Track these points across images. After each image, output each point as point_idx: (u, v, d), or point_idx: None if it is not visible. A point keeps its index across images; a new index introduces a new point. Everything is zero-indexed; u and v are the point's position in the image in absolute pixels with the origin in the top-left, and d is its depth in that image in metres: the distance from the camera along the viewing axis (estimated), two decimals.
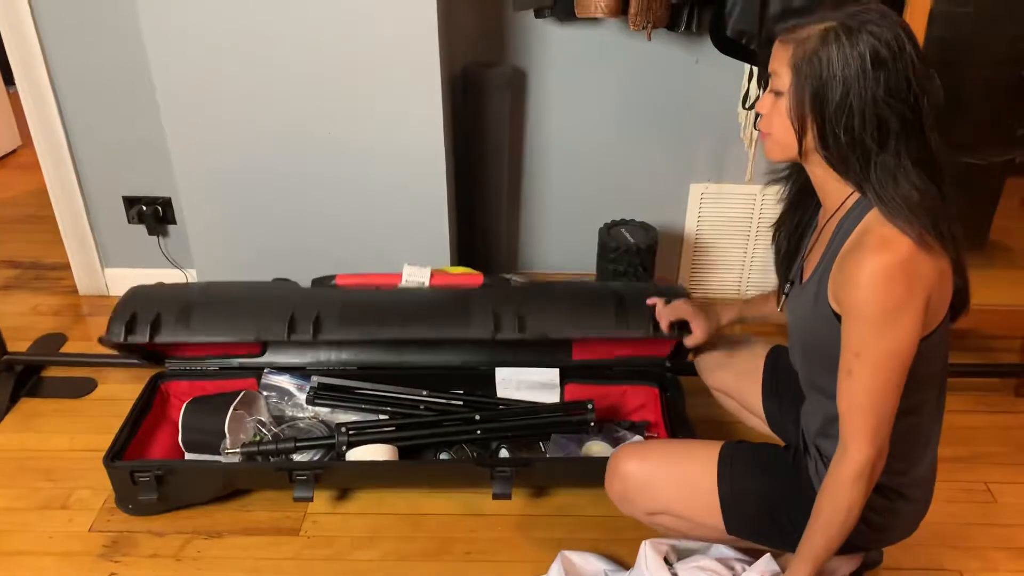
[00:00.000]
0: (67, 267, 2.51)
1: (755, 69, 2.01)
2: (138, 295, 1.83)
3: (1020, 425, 1.98)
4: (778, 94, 1.18)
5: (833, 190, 1.21)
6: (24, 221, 2.93)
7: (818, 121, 1.14)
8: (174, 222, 2.38)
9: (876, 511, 1.28)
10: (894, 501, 1.30)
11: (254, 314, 1.79)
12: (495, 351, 1.89)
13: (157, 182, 2.31)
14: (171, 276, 2.37)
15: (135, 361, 1.92)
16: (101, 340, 1.76)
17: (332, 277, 1.87)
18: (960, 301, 1.23)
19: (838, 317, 1.17)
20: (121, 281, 2.45)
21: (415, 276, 1.85)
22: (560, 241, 2.45)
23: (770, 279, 1.88)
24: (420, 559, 1.63)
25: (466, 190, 2.29)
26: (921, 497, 1.34)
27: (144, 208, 2.36)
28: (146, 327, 1.76)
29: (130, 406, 1.82)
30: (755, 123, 2.09)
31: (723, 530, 1.37)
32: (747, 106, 2.08)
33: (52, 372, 2.17)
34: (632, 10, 1.93)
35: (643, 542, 1.48)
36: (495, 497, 1.66)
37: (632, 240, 2.15)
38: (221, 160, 2.03)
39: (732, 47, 1.91)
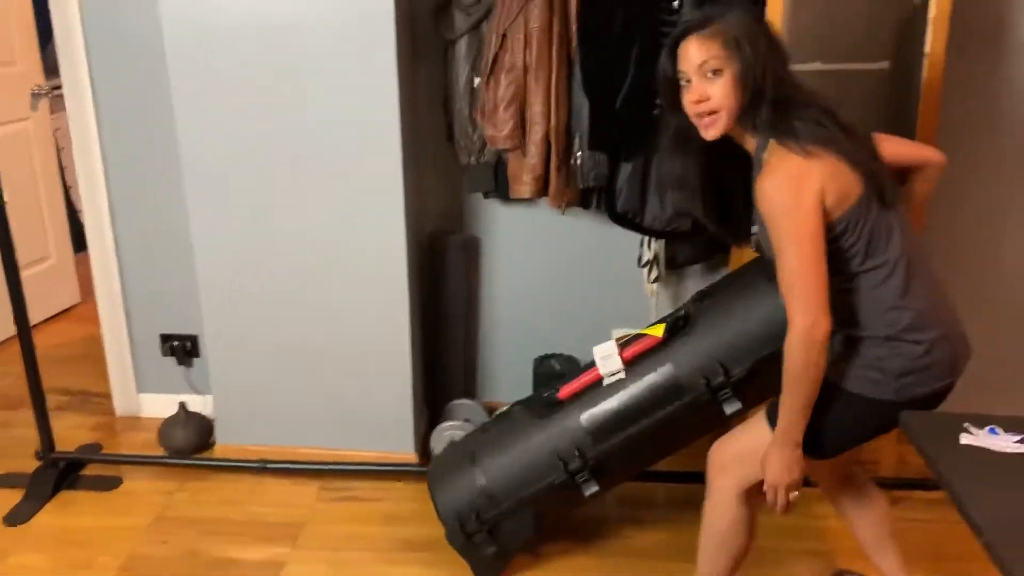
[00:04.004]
0: (108, 395, 3.05)
1: (644, 237, 2.61)
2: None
3: (898, 530, 2.23)
4: (716, 72, 1.52)
5: (749, 141, 1.57)
6: (77, 360, 3.50)
7: (754, 73, 1.50)
8: (199, 355, 2.95)
9: (882, 359, 1.53)
10: (894, 347, 1.53)
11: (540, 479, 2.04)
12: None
13: (187, 321, 2.89)
14: (193, 400, 2.90)
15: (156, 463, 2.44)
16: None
17: (556, 390, 2.15)
18: (878, 188, 1.51)
19: None
20: (151, 404, 2.99)
21: (609, 366, 2.05)
22: (507, 373, 2.93)
23: None
24: None
25: (430, 335, 2.82)
26: (925, 339, 1.53)
27: (176, 343, 2.94)
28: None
29: (148, 499, 2.35)
30: (650, 275, 2.64)
31: None
32: (641, 265, 2.66)
33: (88, 471, 2.68)
34: (551, 193, 2.54)
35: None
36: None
37: (558, 368, 2.67)
38: (240, 308, 2.60)
39: (622, 220, 2.51)
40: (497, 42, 2.43)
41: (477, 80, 2.52)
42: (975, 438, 1.28)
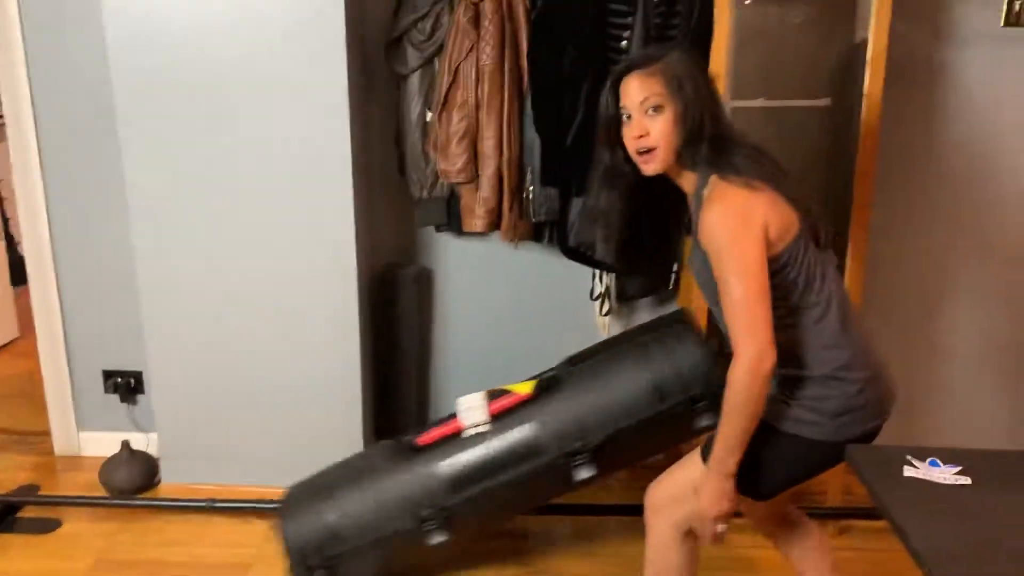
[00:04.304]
0: (47, 433, 2.95)
1: (596, 270, 2.63)
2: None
3: (844, 559, 2.23)
4: (657, 109, 1.55)
5: (687, 178, 1.60)
6: (15, 396, 3.40)
7: (692, 112, 1.53)
8: (143, 392, 2.88)
9: (819, 399, 1.55)
10: (830, 386, 1.55)
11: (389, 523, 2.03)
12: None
13: (131, 357, 2.81)
14: (136, 438, 2.82)
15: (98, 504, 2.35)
16: None
17: (415, 436, 2.14)
18: (813, 227, 1.55)
19: None
20: (92, 443, 2.90)
21: (472, 418, 2.05)
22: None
23: None
24: None
25: (382, 368, 2.79)
26: (859, 378, 1.55)
27: (119, 380, 2.86)
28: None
29: (89, 542, 2.24)
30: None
31: None
32: (593, 298, 2.68)
33: (25, 513, 2.58)
34: (503, 227, 2.56)
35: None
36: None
37: None
38: (186, 344, 2.55)
39: (574, 254, 2.53)
40: (449, 78, 2.45)
41: (430, 114, 2.53)
42: (918, 471, 1.31)
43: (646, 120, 1.57)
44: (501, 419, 2.04)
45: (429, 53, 2.50)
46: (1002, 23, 2.49)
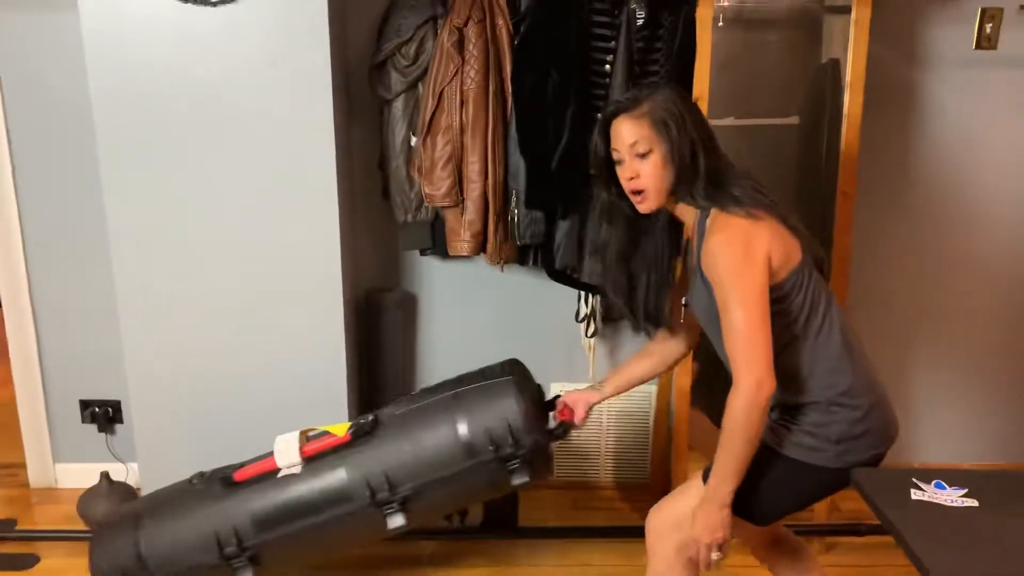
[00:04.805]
0: (23, 465, 2.89)
1: (582, 292, 2.64)
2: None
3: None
4: (644, 155, 1.57)
5: (687, 211, 1.62)
6: None
7: (682, 153, 1.56)
8: (121, 421, 2.82)
9: (821, 424, 1.56)
10: (833, 412, 1.56)
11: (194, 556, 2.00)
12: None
13: (108, 386, 2.77)
14: (115, 469, 2.76)
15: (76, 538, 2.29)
16: None
17: (233, 470, 2.11)
18: (815, 254, 1.58)
19: None
20: (69, 474, 2.84)
21: (287, 458, 2.03)
22: None
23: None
24: None
25: (367, 394, 2.77)
26: (862, 404, 1.57)
27: (97, 409, 2.80)
28: None
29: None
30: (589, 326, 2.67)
31: None
32: (579, 320, 2.69)
33: (1, 548, 2.51)
34: (489, 250, 2.55)
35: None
36: None
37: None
38: (168, 372, 2.49)
39: (561, 276, 2.54)
40: (434, 102, 2.45)
41: (414, 139, 2.53)
42: (925, 494, 1.32)
43: (636, 163, 1.60)
44: (314, 461, 2.01)
45: (413, 77, 2.50)
46: (973, 46, 2.55)
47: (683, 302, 1.81)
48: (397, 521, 1.96)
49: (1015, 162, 2.72)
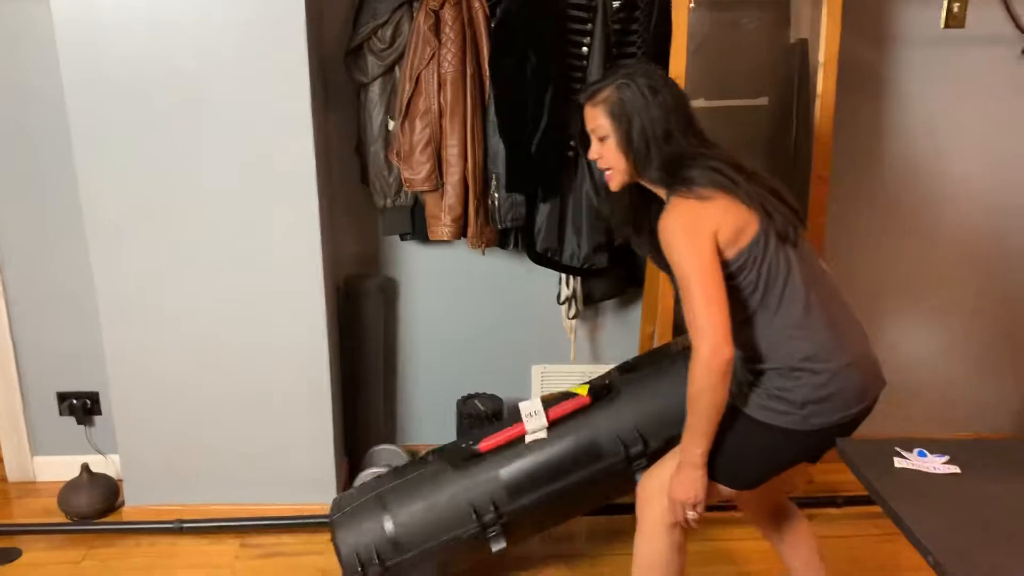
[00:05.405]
0: (0, 459, 2.86)
1: (563, 275, 2.66)
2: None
3: None
4: (603, 139, 1.70)
5: (658, 188, 1.70)
6: None
7: (634, 141, 1.65)
8: (100, 413, 2.79)
9: (785, 389, 1.61)
10: (796, 378, 1.61)
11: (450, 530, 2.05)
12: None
13: (86, 378, 2.74)
14: (95, 461, 2.73)
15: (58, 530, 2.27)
16: None
17: (475, 441, 2.13)
18: (775, 224, 1.61)
19: None
20: (48, 467, 2.81)
21: (534, 423, 2.08)
22: (429, 413, 2.92)
23: None
24: None
25: (349, 379, 2.77)
26: (828, 368, 1.60)
27: (75, 401, 2.77)
28: None
29: (52, 570, 2.15)
30: (570, 316, 2.70)
31: None
32: (560, 302, 2.71)
33: None
34: (470, 234, 2.56)
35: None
36: None
37: (482, 408, 2.67)
38: (148, 362, 2.48)
39: (542, 259, 2.55)
40: (411, 86, 2.44)
41: (392, 123, 2.52)
42: (908, 461, 1.36)
43: (597, 145, 1.74)
44: (559, 425, 2.08)
45: (390, 61, 2.49)
46: (942, 25, 2.60)
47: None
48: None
49: (982, 139, 2.77)
